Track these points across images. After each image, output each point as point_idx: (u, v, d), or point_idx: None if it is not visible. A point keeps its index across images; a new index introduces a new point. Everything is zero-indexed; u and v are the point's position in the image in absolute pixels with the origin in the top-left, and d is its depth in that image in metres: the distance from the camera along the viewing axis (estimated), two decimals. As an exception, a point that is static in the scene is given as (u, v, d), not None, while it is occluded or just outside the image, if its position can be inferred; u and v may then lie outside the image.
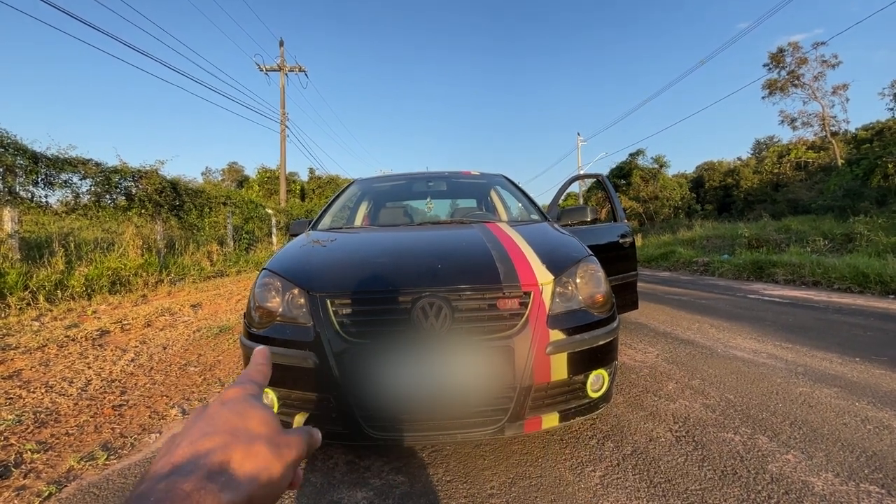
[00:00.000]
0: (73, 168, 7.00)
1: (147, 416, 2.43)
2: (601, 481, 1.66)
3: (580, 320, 1.74)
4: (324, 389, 1.60)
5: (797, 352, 3.31)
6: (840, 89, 24.77)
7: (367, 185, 3.79)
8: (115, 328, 4.34)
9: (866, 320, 4.36)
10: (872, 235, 9.75)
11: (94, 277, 6.25)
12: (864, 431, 2.00)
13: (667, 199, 28.94)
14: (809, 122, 26.25)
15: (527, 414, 1.63)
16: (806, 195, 20.66)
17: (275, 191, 25.26)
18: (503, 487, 1.64)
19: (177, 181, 9.53)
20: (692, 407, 2.33)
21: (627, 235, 3.70)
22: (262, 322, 1.76)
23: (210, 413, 0.35)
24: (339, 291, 1.70)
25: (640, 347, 3.57)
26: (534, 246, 2.01)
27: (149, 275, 7.18)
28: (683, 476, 1.68)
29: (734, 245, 12.64)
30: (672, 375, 2.85)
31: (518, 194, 3.45)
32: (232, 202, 11.77)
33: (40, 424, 2.29)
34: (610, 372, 1.82)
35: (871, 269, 6.49)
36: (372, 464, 1.82)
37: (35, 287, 5.37)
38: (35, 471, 1.85)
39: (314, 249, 2.18)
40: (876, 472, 1.66)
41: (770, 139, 35.43)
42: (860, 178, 16.54)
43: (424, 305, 1.60)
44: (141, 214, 8.29)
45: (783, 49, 25.06)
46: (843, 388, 2.54)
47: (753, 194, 27.47)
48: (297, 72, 19.41)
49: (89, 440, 2.14)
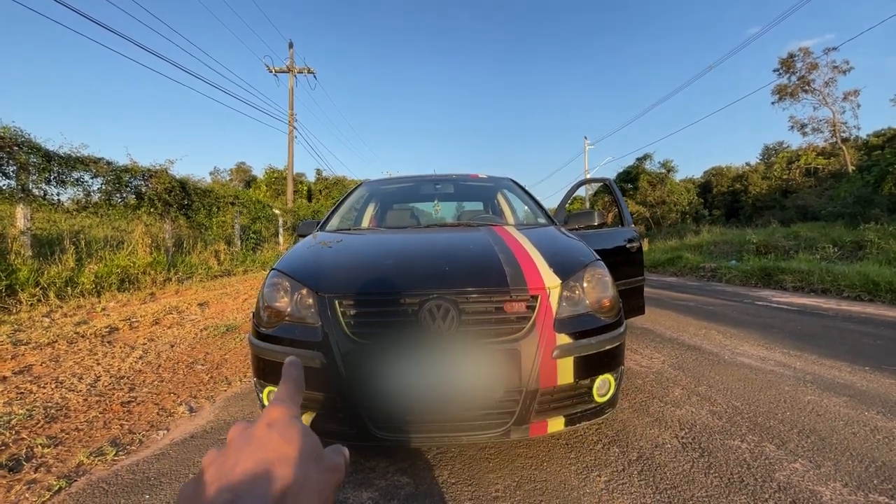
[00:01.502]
0: (84, 167, 7.09)
1: (155, 413, 2.46)
2: (606, 486, 1.66)
3: (587, 325, 1.74)
4: (331, 389, 1.61)
5: (805, 360, 3.28)
6: (851, 95, 24.53)
7: (375, 187, 3.81)
8: (124, 325, 4.39)
9: (876, 329, 4.31)
10: (883, 243, 9.62)
11: (104, 275, 6.32)
12: (874, 441, 1.98)
13: (674, 203, 28.74)
14: (819, 128, 26.01)
15: (532, 418, 1.63)
16: (815, 202, 20.44)
17: (282, 191, 25.41)
18: (508, 490, 1.64)
19: (186, 181, 9.63)
20: (699, 413, 2.32)
21: (635, 240, 3.69)
22: (271, 322, 1.78)
23: (258, 436, 0.34)
24: (346, 292, 1.71)
25: (646, 353, 3.56)
26: (541, 249, 2.01)
27: (157, 273, 7.25)
28: (689, 483, 1.67)
29: (742, 251, 12.52)
30: (678, 381, 2.84)
31: (525, 198, 3.46)
32: (240, 202, 11.86)
33: (50, 419, 2.32)
34: (616, 377, 1.82)
35: (882, 278, 6.41)
36: (377, 464, 1.83)
37: (46, 283, 5.44)
38: (45, 465, 1.88)
39: (322, 250, 2.20)
40: (885, 483, 1.64)
41: (779, 145, 35.15)
42: (871, 184, 16.32)
43: (432, 307, 1.61)
44: (150, 213, 8.37)
45: (793, 54, 24.89)
46: (853, 398, 2.51)
47: (762, 200, 27.24)
48: (306, 73, 19.55)
49: (98, 436, 2.17)
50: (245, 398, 2.70)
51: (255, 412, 2.42)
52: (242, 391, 2.83)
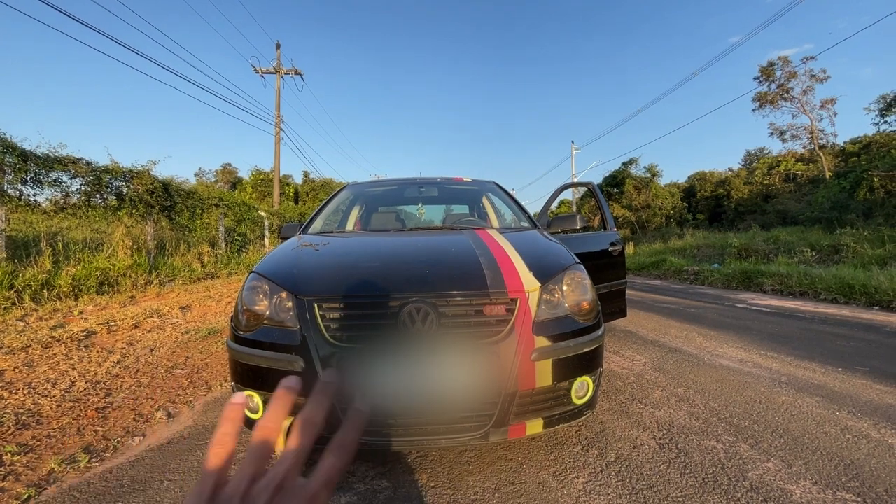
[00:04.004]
0: (63, 167, 6.95)
1: (131, 419, 2.41)
2: (584, 487, 1.68)
3: (566, 327, 1.76)
4: (310, 393, 1.59)
5: (782, 361, 3.36)
6: (828, 103, 25.21)
7: (360, 190, 3.80)
8: (102, 329, 4.29)
9: (850, 331, 4.43)
10: (858, 247, 9.91)
11: (82, 277, 6.18)
12: (843, 440, 2.04)
13: (659, 207, 29.20)
14: (798, 135, 26.66)
15: (511, 420, 1.64)
16: (795, 206, 20.94)
17: (268, 193, 25.16)
18: (487, 493, 1.65)
19: (169, 182, 9.48)
20: (677, 415, 2.36)
21: (617, 244, 3.74)
22: (250, 325, 1.76)
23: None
24: (326, 295, 1.71)
25: (627, 355, 3.60)
26: (522, 253, 2.03)
27: (138, 276, 7.11)
28: (665, 483, 1.69)
29: (724, 255, 12.78)
30: (658, 383, 2.88)
31: (508, 201, 3.48)
32: (224, 204, 11.72)
33: (21, 426, 2.26)
34: (595, 379, 1.84)
35: (857, 281, 6.60)
36: (357, 468, 1.82)
37: (20, 286, 5.30)
38: (15, 473, 1.83)
39: (303, 253, 2.19)
40: (853, 481, 1.69)
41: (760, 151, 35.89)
42: (847, 190, 16.81)
43: (411, 311, 1.61)
44: (131, 215, 8.23)
45: (773, 63, 25.49)
46: (825, 398, 2.58)
47: (744, 205, 27.81)
48: (293, 75, 19.42)
49: (71, 443, 2.12)
50: (225, 403, 2.66)
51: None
52: (223, 395, 2.79)
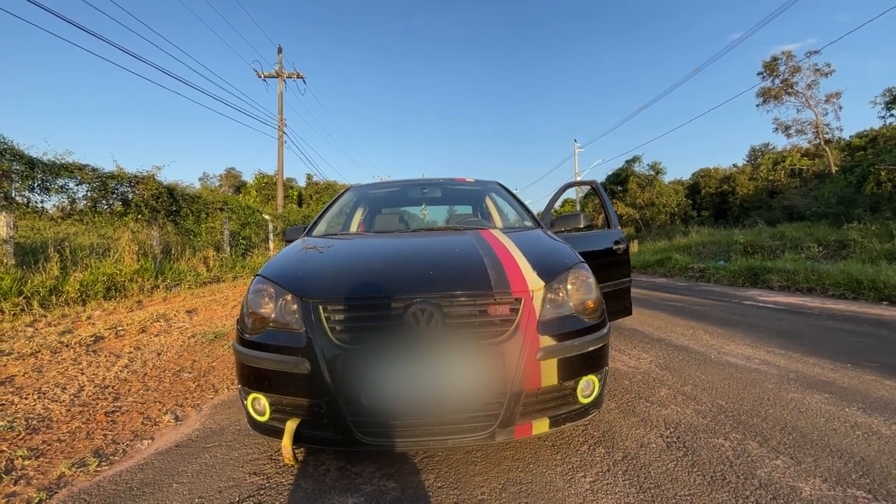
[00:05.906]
0: (69, 173, 7.01)
1: (140, 423, 2.43)
2: (591, 487, 1.67)
3: (570, 326, 1.75)
4: (315, 395, 1.60)
5: (790, 358, 3.34)
6: (833, 97, 25.01)
7: (363, 192, 3.81)
8: (110, 334, 4.33)
9: (859, 326, 4.39)
10: (866, 242, 9.83)
11: (89, 283, 6.23)
12: (853, 437, 2.02)
13: (663, 205, 29.06)
14: (803, 130, 26.47)
15: (517, 420, 1.64)
16: (800, 202, 20.79)
17: (272, 196, 25.26)
18: (493, 493, 1.65)
19: (174, 186, 9.54)
20: (684, 413, 2.34)
21: (621, 242, 3.73)
22: (255, 328, 1.77)
23: None
24: (330, 297, 1.71)
25: (634, 353, 3.59)
26: (525, 252, 2.03)
27: (144, 280, 7.16)
28: (673, 482, 1.69)
29: (730, 251, 12.70)
30: (665, 381, 2.87)
31: (512, 201, 3.48)
32: (229, 207, 11.77)
33: (32, 431, 2.28)
34: (600, 378, 1.84)
35: (865, 276, 6.55)
36: (363, 469, 1.82)
37: (29, 293, 5.35)
38: (26, 477, 1.85)
39: (308, 255, 2.20)
40: (863, 478, 1.67)
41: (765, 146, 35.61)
42: (854, 185, 16.66)
43: (416, 311, 1.61)
44: (137, 220, 8.28)
45: (777, 58, 25.33)
46: (834, 394, 2.56)
47: (749, 201, 27.64)
48: (296, 78, 19.52)
49: (81, 447, 2.14)
50: (232, 406, 2.68)
51: (241, 420, 2.40)
52: (230, 398, 2.80)
